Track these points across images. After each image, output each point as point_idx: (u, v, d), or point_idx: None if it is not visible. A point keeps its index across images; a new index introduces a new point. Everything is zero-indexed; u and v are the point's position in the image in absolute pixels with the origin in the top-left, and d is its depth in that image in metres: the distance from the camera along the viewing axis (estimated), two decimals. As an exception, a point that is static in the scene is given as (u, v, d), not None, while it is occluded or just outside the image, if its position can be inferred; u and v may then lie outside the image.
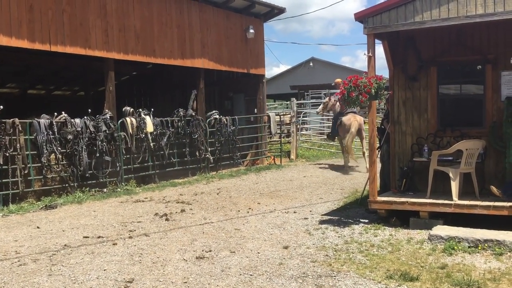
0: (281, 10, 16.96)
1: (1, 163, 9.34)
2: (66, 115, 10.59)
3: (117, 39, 11.87)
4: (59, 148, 10.22)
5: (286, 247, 6.23)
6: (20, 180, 9.60)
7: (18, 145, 9.57)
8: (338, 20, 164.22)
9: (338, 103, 14.18)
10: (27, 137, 9.80)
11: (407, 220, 7.18)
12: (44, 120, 10.13)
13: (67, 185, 10.45)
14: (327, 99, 16.00)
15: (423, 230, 6.85)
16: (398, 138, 8.43)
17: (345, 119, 13.91)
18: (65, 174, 10.37)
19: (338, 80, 13.57)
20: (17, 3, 9.83)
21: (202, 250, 6.15)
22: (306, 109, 25.42)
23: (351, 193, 10.16)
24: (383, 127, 9.05)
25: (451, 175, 7.15)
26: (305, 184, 11.79)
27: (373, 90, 7.06)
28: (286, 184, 11.81)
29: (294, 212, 8.50)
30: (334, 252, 5.98)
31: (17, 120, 9.63)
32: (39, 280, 5.10)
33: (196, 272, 5.32)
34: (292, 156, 17.64)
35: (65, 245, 6.53)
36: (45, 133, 10.00)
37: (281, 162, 16.53)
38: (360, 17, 7.48)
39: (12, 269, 5.53)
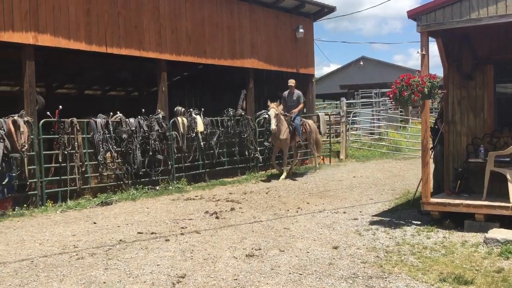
0: (331, 9, 16.85)
1: (60, 160, 9.77)
2: (121, 114, 10.94)
3: (169, 41, 12.16)
4: (115, 147, 10.57)
5: (335, 247, 6.20)
6: (77, 177, 10.00)
7: (76, 143, 9.98)
8: (391, 18, 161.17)
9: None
10: (84, 136, 10.19)
11: (462, 223, 6.98)
12: (100, 120, 10.51)
13: (121, 182, 10.79)
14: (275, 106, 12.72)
15: (478, 233, 6.64)
16: (453, 138, 8.20)
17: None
18: (120, 172, 10.72)
19: (292, 80, 13.68)
20: (76, 7, 10.24)
21: (252, 248, 6.21)
22: (356, 108, 25.11)
23: (402, 194, 9.96)
24: (436, 127, 8.83)
25: (508, 176, 6.89)
26: (354, 184, 11.66)
27: (426, 89, 6.91)
28: (335, 184, 11.72)
29: (344, 212, 8.43)
30: (385, 254, 5.90)
31: (75, 120, 10.04)
32: (96, 274, 5.31)
33: (246, 270, 5.38)
34: (342, 156, 17.48)
35: (120, 240, 6.76)
36: (101, 132, 10.38)
37: (330, 162, 16.42)
38: (413, 14, 7.33)
39: (71, 262, 5.78)
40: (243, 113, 13.91)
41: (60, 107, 10.09)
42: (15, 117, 9.08)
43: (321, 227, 7.32)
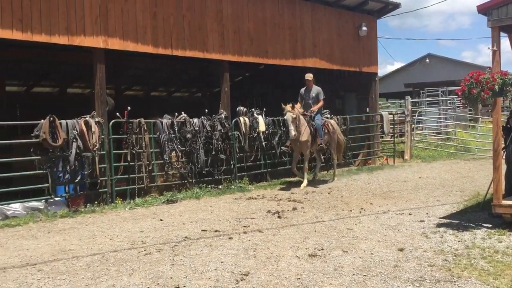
0: (395, 6, 16.45)
1: (129, 159, 10.16)
2: (185, 115, 11.21)
3: (232, 42, 12.33)
4: (179, 146, 10.86)
5: (401, 249, 6.05)
6: (145, 175, 10.36)
7: (143, 143, 10.34)
8: (458, 13, 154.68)
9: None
10: (151, 135, 10.54)
11: (537, 227, 6.61)
12: (166, 120, 10.83)
13: (186, 181, 11.06)
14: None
15: (556, 238, 6.27)
16: (527, 138, 7.76)
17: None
18: (184, 171, 10.99)
19: (309, 74, 12.44)
20: (143, 11, 10.61)
21: (315, 248, 6.18)
22: (421, 107, 24.36)
23: (472, 196, 9.56)
24: (509, 126, 8.39)
25: None
26: (420, 185, 11.32)
27: (496, 86, 6.60)
28: (400, 185, 11.43)
29: (409, 214, 8.20)
30: (454, 257, 5.69)
31: (142, 120, 10.40)
32: (163, 269, 5.48)
33: (308, 270, 5.37)
34: (406, 157, 17.03)
35: (186, 237, 6.94)
36: (167, 132, 10.69)
37: (394, 163, 16.03)
38: (484, 9, 7.03)
39: (139, 257, 6.00)
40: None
41: (129, 108, 10.50)
42: (87, 118, 9.53)
43: (386, 229, 7.17)
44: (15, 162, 10.02)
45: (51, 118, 8.94)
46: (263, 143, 12.47)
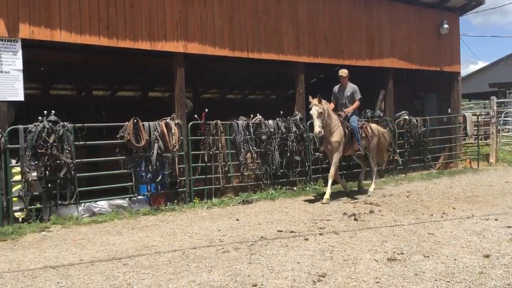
0: (479, 2, 15.70)
1: (206, 160, 10.42)
2: (260, 117, 11.33)
3: (307, 43, 12.32)
4: (254, 148, 10.99)
5: (487, 256, 5.74)
6: (221, 176, 10.58)
7: (220, 144, 10.56)
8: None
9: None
10: (227, 137, 10.74)
11: None
12: (241, 122, 10.99)
13: (261, 182, 11.17)
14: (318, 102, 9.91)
15: None
16: None
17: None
18: (259, 172, 11.10)
19: (343, 70, 10.97)
20: (221, 16, 10.87)
21: (394, 252, 6.02)
22: (508, 108, 22.99)
23: None
24: None
25: None
26: (507, 190, 10.68)
27: None
28: (484, 190, 10.85)
29: (496, 219, 7.76)
30: (546, 266, 5.32)
31: (219, 122, 10.63)
32: (240, 267, 5.56)
33: (387, 274, 5.23)
34: (492, 160, 16.16)
35: (262, 237, 7.00)
36: (243, 134, 10.85)
37: (478, 166, 15.28)
38: None
39: (217, 255, 6.14)
40: (381, 114, 13.54)
41: (206, 110, 10.77)
42: (167, 120, 9.90)
43: (470, 234, 6.83)
44: (102, 162, 10.61)
45: (135, 120, 9.37)
46: (338, 145, 12.27)
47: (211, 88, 21.03)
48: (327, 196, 9.85)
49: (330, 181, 10.09)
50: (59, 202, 8.58)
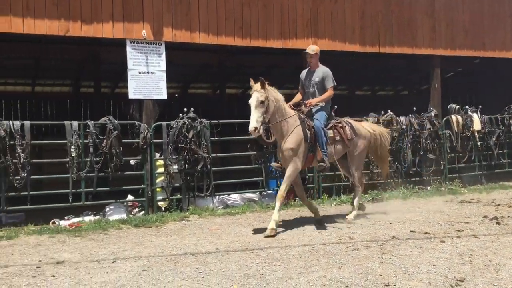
0: None
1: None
2: (391, 113, 10.99)
3: (444, 35, 11.70)
4: (385, 145, 10.66)
5: None
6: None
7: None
8: None
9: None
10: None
11: None
12: (372, 118, 10.74)
13: (391, 180, 10.84)
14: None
15: None
16: None
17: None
18: (390, 170, 10.77)
19: (312, 47, 8.15)
20: (351, 11, 10.75)
21: (544, 261, 5.48)
22: None
23: None
24: None
25: None
26: None
27: None
28: None
29: None
30: None
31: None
32: (372, 266, 5.47)
33: (537, 284, 4.78)
34: None
35: (393, 236, 6.80)
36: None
37: None
38: None
39: (347, 252, 6.09)
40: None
41: (336, 106, 10.70)
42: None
43: None
44: (231, 157, 11.12)
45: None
46: (478, 143, 11.51)
47: (339, 85, 20.82)
48: (272, 225, 7.03)
49: (277, 204, 7.25)
50: (197, 193, 9.18)
